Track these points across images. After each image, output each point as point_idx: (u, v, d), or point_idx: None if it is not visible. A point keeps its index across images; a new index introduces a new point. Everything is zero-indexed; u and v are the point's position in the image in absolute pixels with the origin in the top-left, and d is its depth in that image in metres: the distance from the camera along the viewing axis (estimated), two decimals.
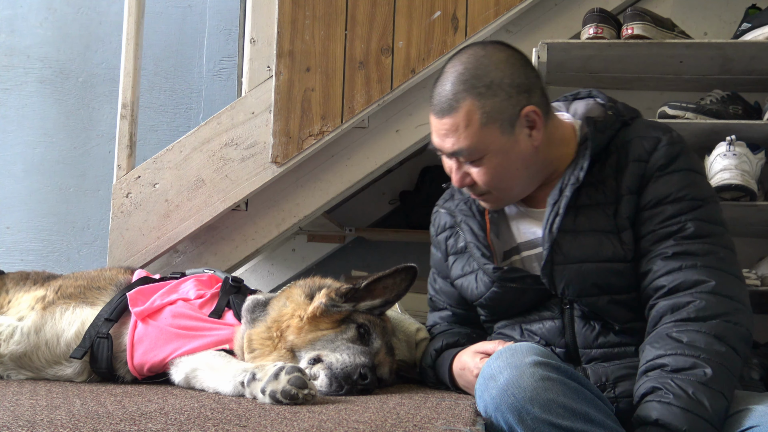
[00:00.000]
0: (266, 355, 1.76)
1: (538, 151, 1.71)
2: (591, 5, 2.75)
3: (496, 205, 1.79)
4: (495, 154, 1.67)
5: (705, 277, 1.54)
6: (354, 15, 2.75)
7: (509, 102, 1.66)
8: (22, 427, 1.14)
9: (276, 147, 2.72)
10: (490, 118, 1.65)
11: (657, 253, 1.61)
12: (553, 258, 1.67)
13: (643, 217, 1.65)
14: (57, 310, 1.95)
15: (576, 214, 1.68)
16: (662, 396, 1.40)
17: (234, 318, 1.90)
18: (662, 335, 1.50)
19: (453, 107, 1.66)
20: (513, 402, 1.33)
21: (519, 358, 1.38)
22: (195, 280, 2.03)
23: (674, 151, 1.66)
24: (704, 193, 1.66)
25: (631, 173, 1.66)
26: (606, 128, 1.72)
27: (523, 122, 1.68)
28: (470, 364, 1.69)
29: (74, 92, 3.70)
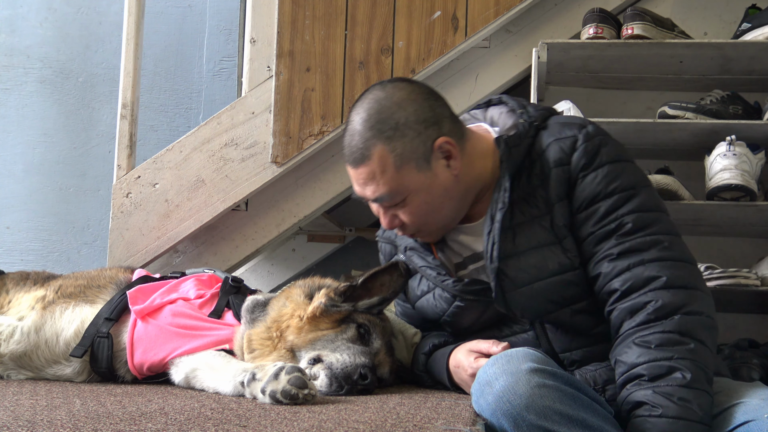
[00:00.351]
0: (266, 355, 1.76)
1: (460, 178, 1.68)
2: (591, 5, 2.75)
3: (433, 238, 1.78)
4: (417, 193, 1.66)
5: (655, 272, 1.52)
6: (354, 15, 2.75)
7: (419, 139, 1.64)
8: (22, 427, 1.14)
9: (276, 147, 2.72)
10: (404, 159, 1.63)
11: (602, 255, 1.58)
12: (503, 287, 1.66)
13: (579, 220, 1.62)
14: (57, 309, 1.95)
15: (514, 234, 1.65)
16: (651, 410, 1.39)
17: (234, 318, 1.90)
18: (629, 343, 1.49)
19: (365, 156, 1.64)
20: (509, 409, 1.32)
21: (515, 364, 1.37)
22: (195, 280, 2.03)
23: (593, 147, 1.63)
24: (633, 182, 1.63)
25: (556, 179, 1.63)
26: (520, 140, 1.67)
27: (438, 155, 1.65)
28: (464, 362, 1.69)
29: (74, 92, 3.70)
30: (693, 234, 2.89)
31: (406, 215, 1.69)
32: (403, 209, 1.69)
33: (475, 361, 1.66)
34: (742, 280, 2.44)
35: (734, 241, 2.91)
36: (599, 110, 2.84)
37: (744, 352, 2.54)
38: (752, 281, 2.45)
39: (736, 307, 2.84)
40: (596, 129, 1.68)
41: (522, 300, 1.66)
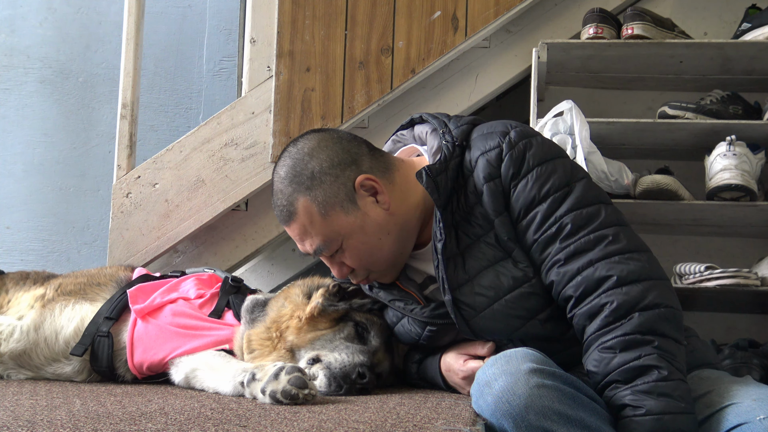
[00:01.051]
0: (266, 355, 1.76)
1: (394, 212, 1.67)
2: (591, 5, 2.75)
3: (387, 277, 1.75)
4: (351, 235, 1.65)
5: (605, 272, 1.49)
6: (354, 15, 2.75)
7: (338, 182, 1.64)
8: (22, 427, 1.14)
9: (276, 147, 2.72)
10: (328, 206, 1.63)
11: (551, 263, 1.56)
12: (464, 315, 1.64)
13: (521, 229, 1.60)
14: (57, 307, 1.95)
15: (463, 259, 1.64)
16: (634, 410, 1.39)
17: (234, 318, 1.90)
18: (593, 351, 1.47)
19: (291, 212, 1.66)
20: (508, 409, 1.32)
21: (514, 365, 1.37)
22: (195, 279, 2.03)
23: (519, 154, 1.60)
24: (565, 179, 1.59)
25: (490, 194, 1.60)
26: (446, 164, 1.63)
27: (362, 193, 1.65)
28: (454, 366, 1.70)
29: (74, 92, 3.70)
30: (693, 234, 2.89)
31: (350, 260, 1.68)
32: (343, 255, 1.68)
33: (464, 364, 1.68)
34: (742, 280, 2.43)
35: (734, 241, 2.91)
36: (599, 110, 2.84)
37: (744, 352, 2.54)
38: (752, 281, 2.45)
39: (736, 307, 2.84)
40: (519, 133, 1.64)
41: (486, 323, 1.64)
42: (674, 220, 2.72)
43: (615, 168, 2.49)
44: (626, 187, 2.51)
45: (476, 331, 1.67)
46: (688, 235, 2.90)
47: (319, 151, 1.67)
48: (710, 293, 2.50)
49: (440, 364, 1.76)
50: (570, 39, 2.80)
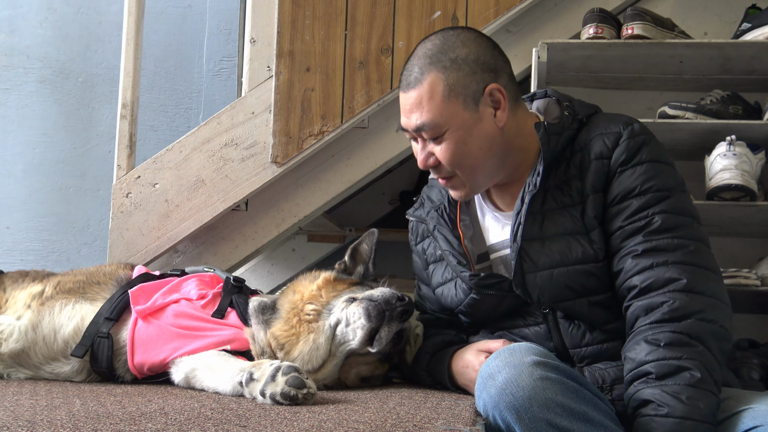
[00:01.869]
0: (294, 344, 1.78)
1: (504, 135, 1.70)
2: (591, 5, 2.75)
3: (463, 191, 1.76)
4: (457, 129, 1.66)
5: (676, 274, 1.52)
6: (354, 15, 2.75)
7: (473, 78, 1.66)
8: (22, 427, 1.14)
9: (276, 147, 2.72)
10: (453, 91, 1.65)
11: (627, 251, 1.59)
12: (523, 267, 1.67)
13: (611, 213, 1.64)
14: (56, 305, 1.95)
15: (543, 219, 1.67)
16: (657, 409, 1.39)
17: (238, 319, 1.90)
18: (639, 340, 1.49)
19: (418, 80, 1.67)
20: (511, 401, 1.33)
21: (518, 357, 1.38)
22: (197, 280, 2.03)
23: (636, 144, 1.65)
24: (670, 183, 1.64)
25: (595, 171, 1.65)
26: (562, 130, 1.69)
27: (487, 100, 1.67)
28: (474, 362, 1.70)
29: (74, 92, 3.70)
30: None
31: (442, 152, 1.68)
32: (440, 146, 1.68)
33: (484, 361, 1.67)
34: (742, 280, 2.44)
35: (734, 241, 2.91)
36: None
37: (744, 352, 2.54)
38: (752, 281, 2.45)
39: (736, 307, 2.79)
40: (641, 127, 1.70)
41: (540, 282, 1.66)
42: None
43: None
44: None
45: (528, 287, 1.68)
46: None
47: (473, 44, 1.69)
48: None
49: (452, 360, 1.76)
50: (570, 39, 2.79)
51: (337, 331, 1.77)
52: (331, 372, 1.79)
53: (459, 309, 1.81)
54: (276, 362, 1.53)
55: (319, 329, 1.78)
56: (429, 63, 1.67)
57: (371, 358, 1.82)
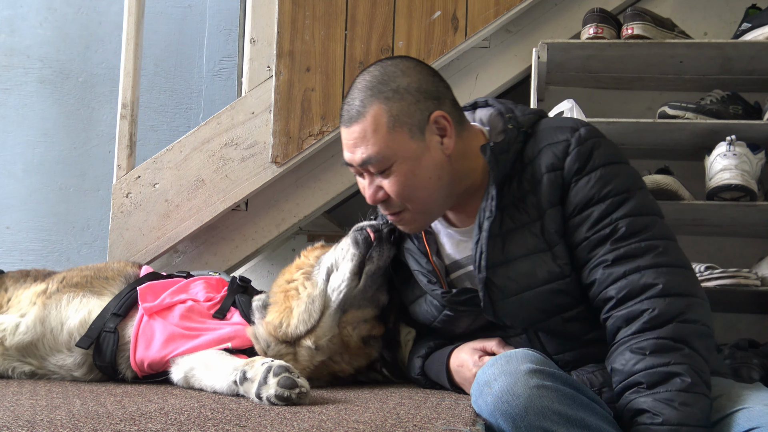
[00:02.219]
0: (290, 315, 1.82)
1: (452, 161, 1.65)
2: (591, 5, 2.75)
3: (414, 224, 1.73)
4: (405, 161, 1.62)
5: (651, 280, 1.50)
6: (354, 15, 2.75)
7: (417, 106, 1.62)
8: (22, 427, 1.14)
9: (276, 147, 2.72)
10: (398, 122, 1.61)
11: (597, 262, 1.56)
12: (491, 297, 1.65)
13: (573, 225, 1.60)
14: (63, 298, 1.96)
15: (503, 241, 1.64)
16: (653, 418, 1.39)
17: (241, 317, 1.90)
18: (623, 351, 1.48)
19: (360, 113, 1.63)
20: (507, 409, 1.32)
21: (514, 365, 1.37)
22: (204, 283, 2.03)
23: (586, 150, 1.61)
24: (627, 184, 1.60)
25: (548, 185, 1.61)
26: (509, 146, 1.64)
27: (433, 128, 1.63)
28: (469, 361, 1.69)
29: (74, 92, 3.70)
30: (693, 234, 2.89)
31: (391, 186, 1.64)
32: (388, 179, 1.64)
33: (480, 360, 1.67)
34: (742, 280, 2.43)
35: (734, 241, 2.91)
36: (599, 110, 2.84)
37: (744, 352, 2.54)
38: (752, 281, 2.45)
39: (736, 307, 2.84)
40: (588, 131, 1.65)
41: (511, 309, 1.65)
42: (674, 220, 2.71)
43: None
44: None
45: (499, 315, 1.67)
46: (688, 235, 2.90)
47: (413, 72, 1.66)
48: (710, 293, 2.49)
49: (450, 359, 1.75)
50: (570, 39, 2.79)
51: (330, 279, 1.82)
52: (329, 326, 1.81)
53: (434, 325, 1.80)
54: (267, 361, 1.54)
55: (313, 284, 1.84)
56: (370, 95, 1.63)
57: (369, 313, 1.84)
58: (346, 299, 1.81)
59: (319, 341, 1.79)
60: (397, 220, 1.73)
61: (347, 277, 1.79)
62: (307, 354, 1.80)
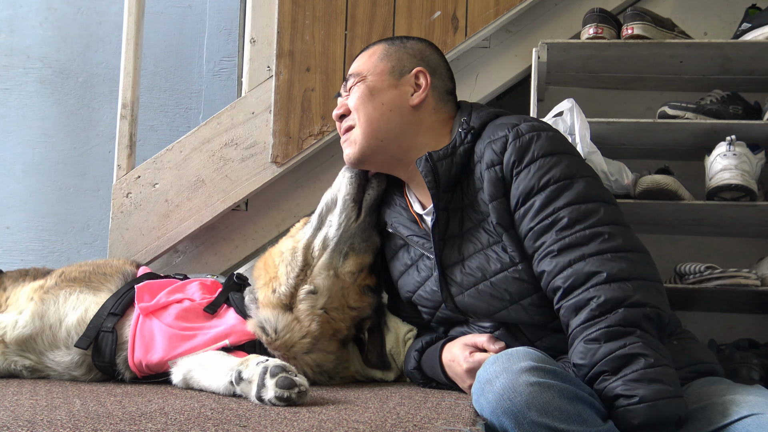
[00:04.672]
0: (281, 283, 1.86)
1: (412, 114, 1.82)
2: (591, 5, 2.75)
3: (355, 146, 1.84)
4: (372, 81, 1.83)
5: (595, 267, 1.51)
6: (354, 15, 2.75)
7: (410, 59, 1.87)
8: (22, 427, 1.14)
9: (276, 147, 2.72)
10: (387, 57, 1.86)
11: (544, 252, 1.59)
12: (451, 292, 1.73)
13: (518, 217, 1.65)
14: (61, 293, 1.95)
15: (461, 242, 1.72)
16: (629, 399, 1.40)
17: (236, 314, 1.90)
18: (579, 344, 1.49)
19: (369, 47, 1.92)
20: (509, 406, 1.33)
21: (515, 363, 1.38)
22: (200, 284, 2.03)
23: (523, 144, 1.65)
24: (568, 172, 1.62)
25: (489, 180, 1.67)
26: (453, 151, 1.74)
27: (411, 80, 1.84)
28: (459, 356, 1.71)
29: (74, 92, 3.70)
30: (693, 234, 2.89)
31: (352, 98, 1.85)
32: (351, 93, 1.85)
33: (471, 356, 1.68)
34: (742, 280, 2.43)
35: (734, 241, 2.91)
36: (599, 110, 2.84)
37: (744, 352, 2.54)
38: (752, 281, 2.44)
39: (736, 307, 2.84)
40: (529, 125, 1.69)
41: (470, 301, 1.71)
42: (674, 220, 2.71)
43: (615, 168, 2.49)
44: (626, 187, 2.51)
45: (460, 308, 1.74)
46: (688, 235, 2.90)
47: (423, 44, 1.92)
48: (710, 293, 2.50)
49: (442, 353, 1.77)
50: (570, 39, 2.79)
51: (327, 219, 1.87)
52: (325, 263, 1.86)
53: (418, 295, 1.84)
54: (262, 361, 1.53)
55: (295, 240, 1.91)
56: (384, 41, 1.92)
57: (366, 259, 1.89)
58: (346, 232, 1.85)
59: (314, 280, 1.85)
60: (345, 139, 1.88)
61: (348, 206, 1.85)
62: (308, 305, 1.84)
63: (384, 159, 1.85)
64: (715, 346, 2.66)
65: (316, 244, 1.87)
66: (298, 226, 1.99)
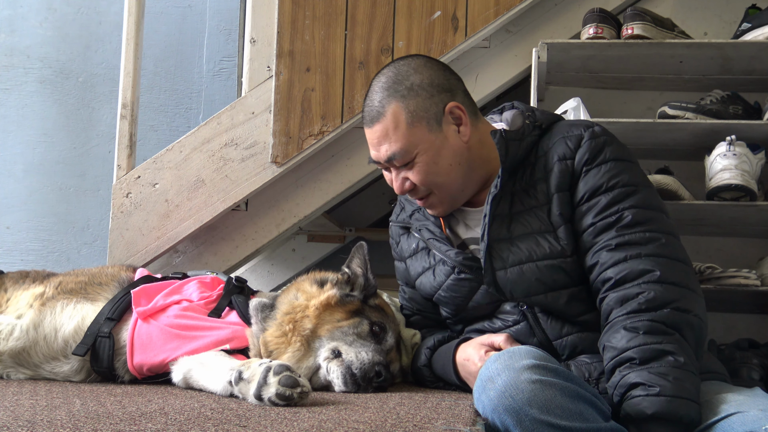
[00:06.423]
0: (283, 352, 1.77)
1: (470, 149, 1.78)
2: (591, 5, 2.75)
3: (441, 207, 1.83)
4: (426, 151, 1.74)
5: (650, 266, 1.56)
6: (354, 15, 2.75)
7: (432, 100, 1.75)
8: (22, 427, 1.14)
9: (276, 147, 2.72)
10: (416, 117, 1.73)
11: (601, 246, 1.63)
12: (493, 265, 1.73)
13: (580, 212, 1.69)
14: (57, 305, 1.95)
15: (510, 221, 1.73)
16: (648, 389, 1.42)
17: (238, 318, 1.90)
18: (618, 329, 1.52)
19: (380, 113, 1.75)
20: (511, 404, 1.33)
21: (516, 361, 1.39)
22: (198, 282, 2.03)
23: (598, 144, 1.71)
24: (636, 179, 1.69)
25: (559, 172, 1.71)
26: (522, 136, 1.76)
27: (449, 119, 1.76)
28: (475, 356, 1.71)
29: (74, 92, 3.70)
30: (693, 234, 2.89)
31: (416, 175, 1.76)
32: (412, 170, 1.76)
33: (486, 355, 1.68)
34: (742, 280, 2.43)
35: (734, 241, 2.91)
36: (599, 110, 2.84)
37: (744, 352, 2.54)
38: (752, 281, 2.45)
39: (736, 307, 2.84)
40: (603, 129, 1.76)
41: (511, 278, 1.72)
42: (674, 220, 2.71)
43: None
44: None
45: (499, 283, 1.74)
46: (688, 235, 2.90)
47: (424, 69, 1.78)
48: (710, 293, 2.50)
49: (456, 353, 1.77)
50: (570, 39, 2.79)
51: (319, 373, 1.78)
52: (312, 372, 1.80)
53: (438, 294, 1.85)
54: (265, 362, 1.53)
55: (308, 355, 1.78)
56: (387, 95, 1.75)
57: None
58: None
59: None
60: (425, 205, 1.85)
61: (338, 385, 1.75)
62: None
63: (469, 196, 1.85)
64: (715, 346, 2.66)
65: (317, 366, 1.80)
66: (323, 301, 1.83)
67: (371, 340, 1.79)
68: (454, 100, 1.77)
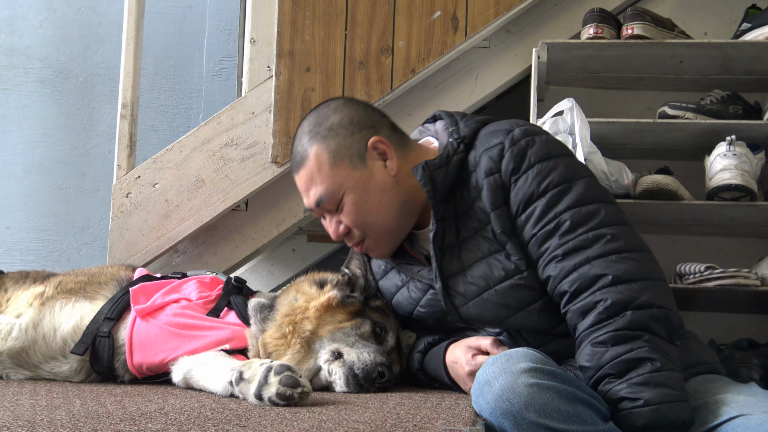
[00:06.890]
0: (282, 354, 1.76)
1: (400, 182, 1.74)
2: (591, 5, 2.75)
3: (378, 249, 1.80)
4: (352, 190, 1.72)
5: (601, 270, 1.52)
6: (354, 15, 2.75)
7: (352, 138, 1.73)
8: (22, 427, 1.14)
9: (276, 147, 2.72)
10: (338, 156, 1.72)
11: (549, 258, 1.59)
12: (454, 303, 1.71)
13: (520, 224, 1.64)
14: (56, 304, 1.95)
15: (460, 250, 1.70)
16: (633, 402, 1.40)
17: (237, 318, 1.90)
18: (586, 346, 1.50)
19: (304, 158, 1.75)
20: (508, 407, 1.33)
21: (514, 364, 1.38)
22: (197, 282, 2.02)
23: (521, 150, 1.65)
24: (567, 174, 1.63)
25: (489, 189, 1.66)
26: (448, 160, 1.70)
27: (373, 154, 1.73)
28: (462, 359, 1.71)
29: (74, 92, 3.70)
30: (693, 234, 2.89)
31: (346, 216, 1.74)
32: (343, 212, 1.73)
33: (473, 358, 1.68)
34: (742, 280, 2.43)
35: (734, 241, 2.91)
36: (599, 110, 2.84)
37: (744, 352, 2.54)
38: (752, 281, 2.44)
39: (736, 307, 2.84)
40: (523, 131, 1.69)
41: (475, 311, 1.70)
42: (674, 220, 2.71)
43: (615, 168, 2.49)
44: (626, 187, 2.51)
45: (465, 318, 1.73)
46: (688, 235, 2.90)
47: (343, 109, 1.77)
48: (710, 293, 2.50)
49: (446, 355, 1.77)
50: (570, 39, 2.80)
51: (319, 375, 1.77)
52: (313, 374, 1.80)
53: (417, 311, 1.83)
54: (266, 362, 1.52)
55: (308, 356, 1.77)
56: (309, 138, 1.75)
57: None
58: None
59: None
60: (362, 250, 1.82)
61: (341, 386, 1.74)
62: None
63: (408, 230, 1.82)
64: (715, 346, 2.66)
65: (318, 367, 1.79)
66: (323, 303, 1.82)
67: (373, 340, 1.78)
68: (378, 134, 1.73)
